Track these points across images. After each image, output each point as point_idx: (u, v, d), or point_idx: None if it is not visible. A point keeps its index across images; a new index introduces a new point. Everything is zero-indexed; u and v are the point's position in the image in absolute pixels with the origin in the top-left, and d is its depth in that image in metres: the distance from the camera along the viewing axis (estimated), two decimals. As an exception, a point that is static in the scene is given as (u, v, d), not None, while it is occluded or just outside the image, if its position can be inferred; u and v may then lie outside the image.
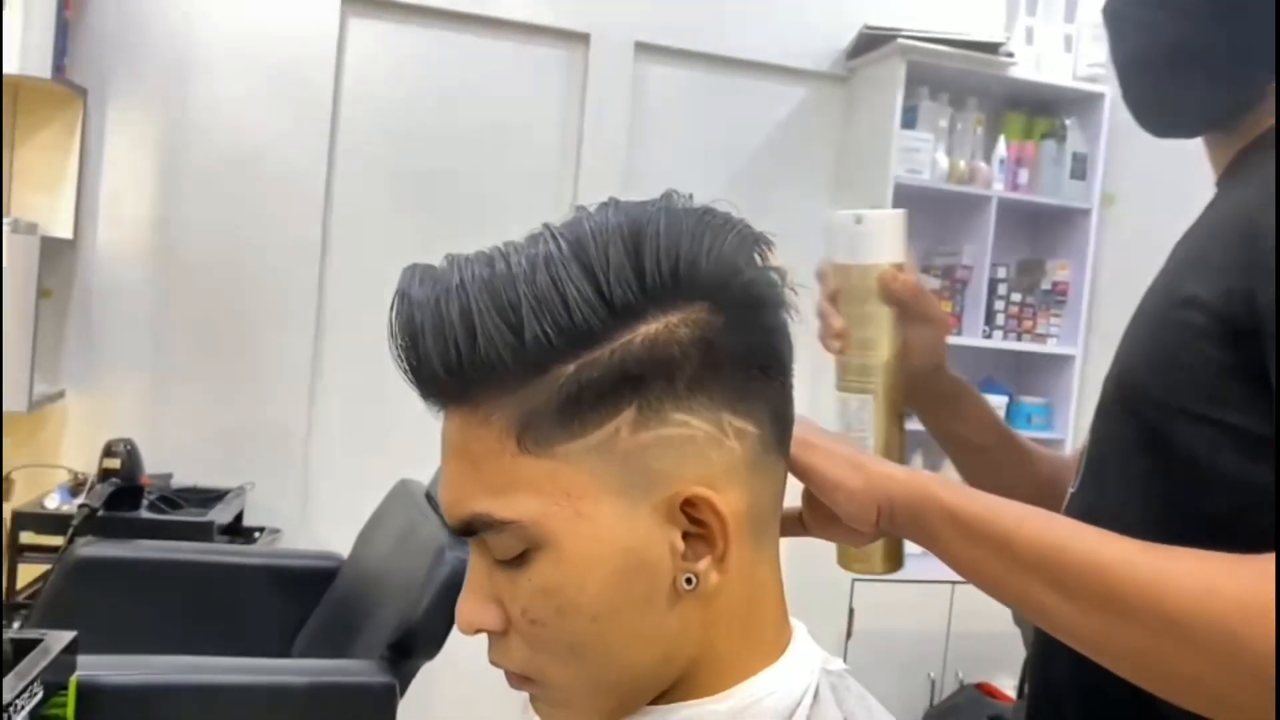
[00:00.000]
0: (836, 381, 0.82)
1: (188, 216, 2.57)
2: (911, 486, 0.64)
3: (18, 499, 2.31)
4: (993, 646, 2.65)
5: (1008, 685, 2.78)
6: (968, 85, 2.87)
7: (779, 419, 0.57)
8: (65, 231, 2.42)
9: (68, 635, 1.35)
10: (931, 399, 0.90)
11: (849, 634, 2.76)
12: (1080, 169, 2.83)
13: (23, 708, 1.16)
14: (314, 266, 2.63)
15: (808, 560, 3.50)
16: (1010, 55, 2.71)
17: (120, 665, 1.46)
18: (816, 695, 0.57)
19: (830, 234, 0.81)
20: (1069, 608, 0.59)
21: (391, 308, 0.53)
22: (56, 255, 2.41)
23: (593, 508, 0.52)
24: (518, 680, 0.56)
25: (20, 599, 2.20)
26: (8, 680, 1.19)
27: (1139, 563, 0.58)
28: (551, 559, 0.52)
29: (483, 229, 2.72)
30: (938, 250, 2.98)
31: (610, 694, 0.55)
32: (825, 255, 0.83)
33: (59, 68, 2.28)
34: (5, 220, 2.20)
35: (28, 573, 2.23)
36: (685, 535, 0.53)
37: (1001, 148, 2.82)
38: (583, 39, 2.77)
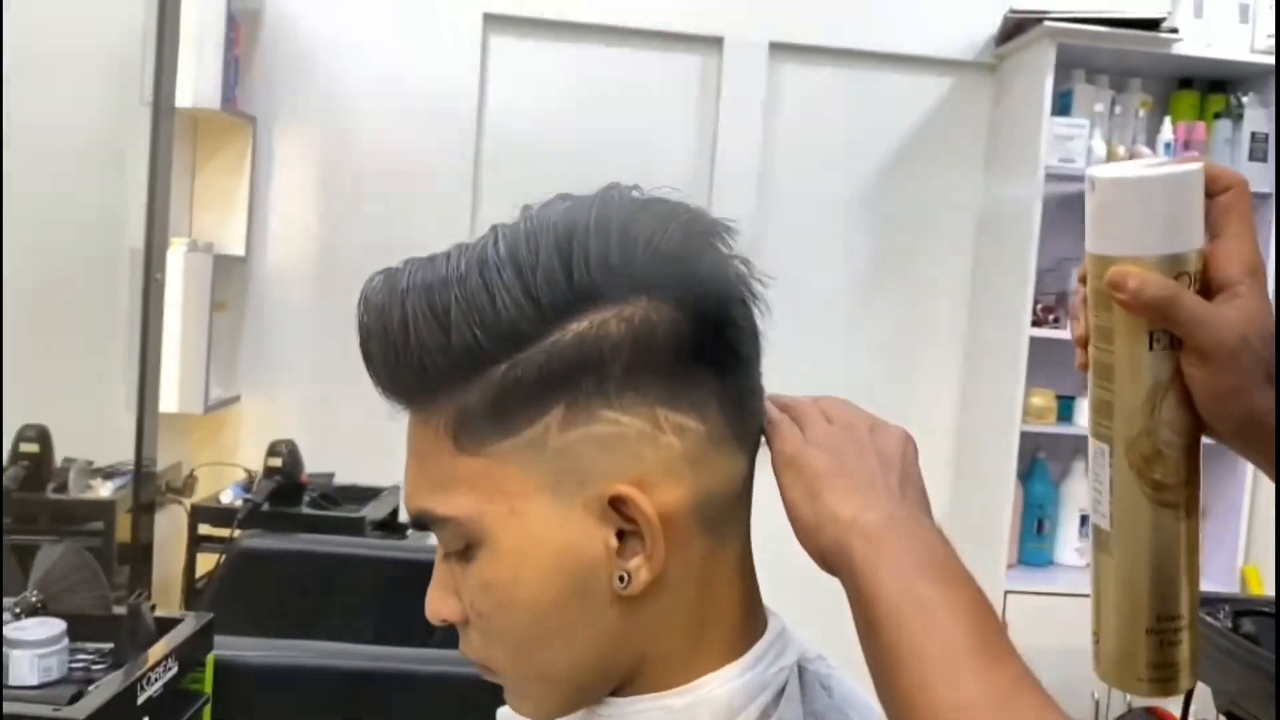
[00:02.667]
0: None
1: (345, 232, 2.75)
2: (837, 544, 0.53)
3: (199, 495, 2.53)
4: (1165, 668, 2.46)
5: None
6: (1129, 65, 2.69)
7: (733, 412, 0.56)
8: (238, 249, 2.64)
9: (206, 616, 1.47)
10: (1238, 440, 0.56)
11: (1001, 648, 2.63)
12: (1260, 150, 2.59)
13: (157, 680, 1.28)
14: (461, 276, 2.76)
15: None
16: (1174, 31, 2.52)
17: (256, 646, 1.58)
18: (783, 692, 0.56)
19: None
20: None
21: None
22: (230, 271, 2.63)
23: (526, 505, 0.52)
24: (483, 670, 0.58)
25: (198, 585, 2.41)
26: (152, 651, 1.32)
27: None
28: (490, 555, 0.53)
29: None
30: (1098, 243, 2.80)
31: (560, 686, 0.56)
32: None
33: (229, 99, 2.49)
34: (183, 241, 2.42)
35: (205, 562, 2.44)
36: (621, 533, 0.53)
37: (1168, 130, 2.62)
38: (716, 43, 2.78)
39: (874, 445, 0.58)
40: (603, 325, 0.52)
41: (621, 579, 0.53)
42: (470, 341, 0.51)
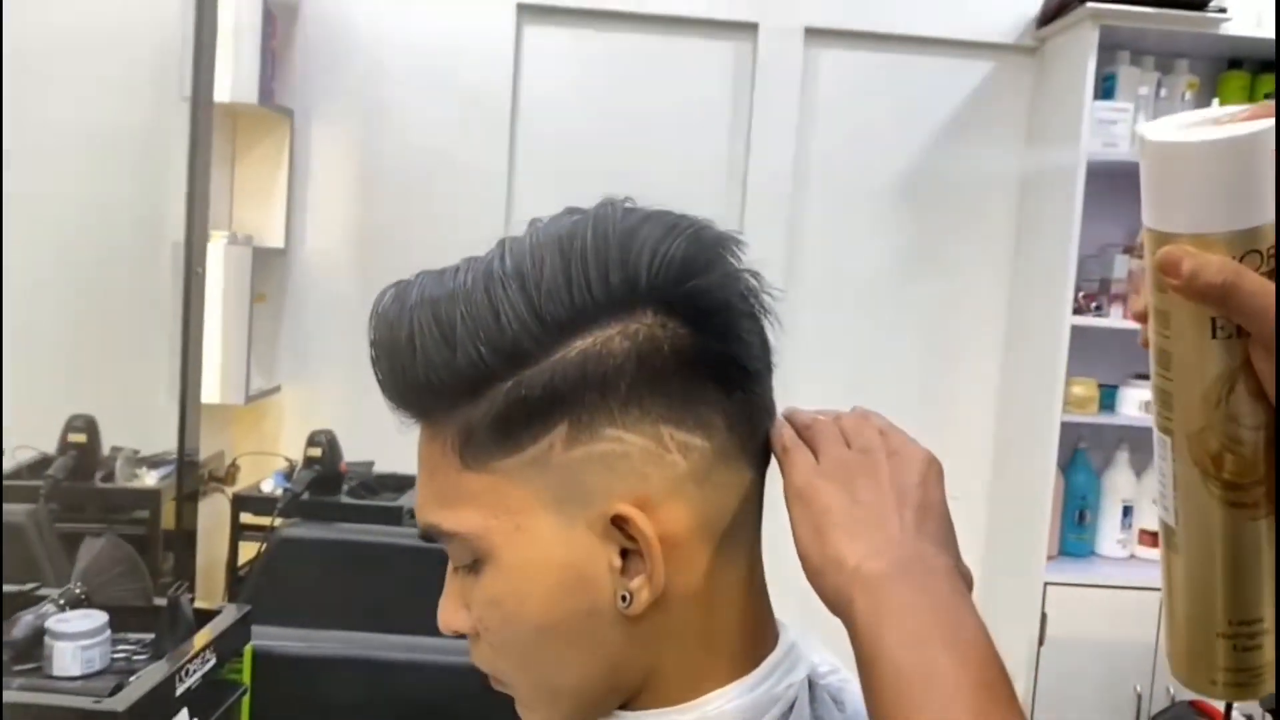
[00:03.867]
0: None
1: (383, 223, 2.77)
2: (838, 594, 0.52)
3: (241, 483, 2.58)
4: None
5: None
6: (1176, 47, 2.62)
7: (741, 428, 0.55)
8: (277, 241, 2.68)
9: (244, 608, 1.50)
10: None
11: (1041, 640, 2.60)
12: (1313, 132, 2.51)
13: (195, 672, 1.31)
14: (497, 266, 2.77)
15: (995, 563, 3.34)
16: (1222, 11, 2.45)
17: (293, 637, 1.60)
18: (792, 708, 0.56)
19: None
20: None
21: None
22: (269, 263, 2.67)
23: (531, 522, 0.52)
24: (493, 680, 0.59)
25: (241, 572, 2.46)
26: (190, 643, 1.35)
27: None
28: (496, 571, 0.54)
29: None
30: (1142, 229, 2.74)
31: (567, 699, 0.56)
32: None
33: (267, 93, 2.52)
34: (223, 234, 2.46)
35: (247, 550, 2.48)
36: (625, 551, 0.52)
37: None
38: (750, 29, 2.75)
39: (891, 474, 0.55)
40: (606, 342, 0.51)
41: (624, 598, 0.52)
42: (475, 358, 0.51)
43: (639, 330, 0.52)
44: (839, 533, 0.52)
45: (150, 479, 2.27)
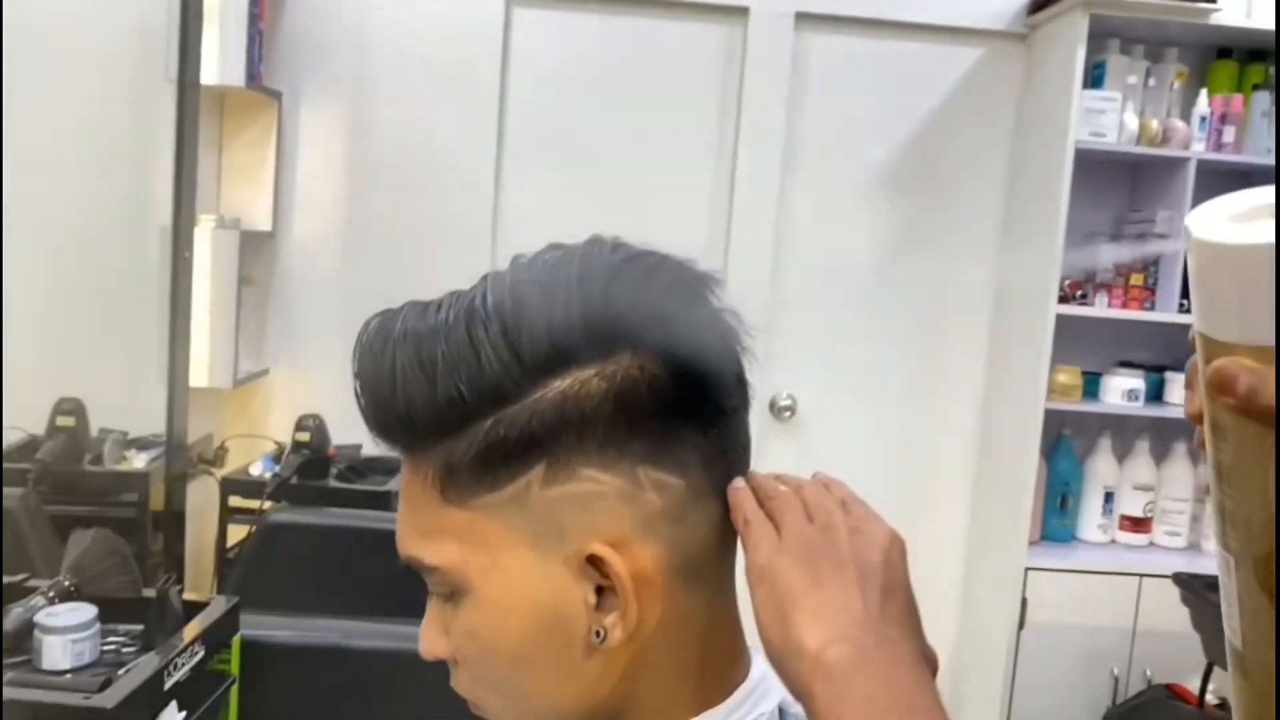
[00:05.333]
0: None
1: (372, 205, 2.76)
2: (800, 681, 0.51)
3: (229, 466, 2.59)
4: (1186, 645, 2.47)
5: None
6: (1166, 36, 2.62)
7: (717, 465, 0.56)
8: (265, 225, 2.67)
9: (233, 599, 1.52)
10: None
11: (1021, 624, 2.64)
12: (1300, 123, 2.52)
13: (184, 665, 1.33)
14: (485, 248, 2.76)
15: (978, 547, 3.37)
16: (1212, 0, 2.45)
17: (281, 626, 1.62)
18: None
19: None
20: None
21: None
22: (258, 246, 2.66)
23: (508, 559, 0.54)
24: (473, 706, 0.60)
25: (230, 555, 2.47)
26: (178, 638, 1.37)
27: None
28: (474, 604, 0.55)
29: (648, 210, 2.79)
30: (1128, 218, 2.75)
31: None
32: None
33: (254, 75, 2.50)
34: (210, 218, 2.45)
35: (236, 532, 2.50)
36: (600, 588, 0.53)
37: (1204, 103, 2.55)
38: (741, 13, 2.74)
39: (854, 551, 0.53)
40: (585, 384, 0.52)
41: (598, 634, 0.53)
42: (455, 396, 0.52)
43: (617, 372, 0.52)
44: (801, 615, 0.51)
45: (139, 461, 2.27)
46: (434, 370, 0.52)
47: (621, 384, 0.52)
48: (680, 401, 0.54)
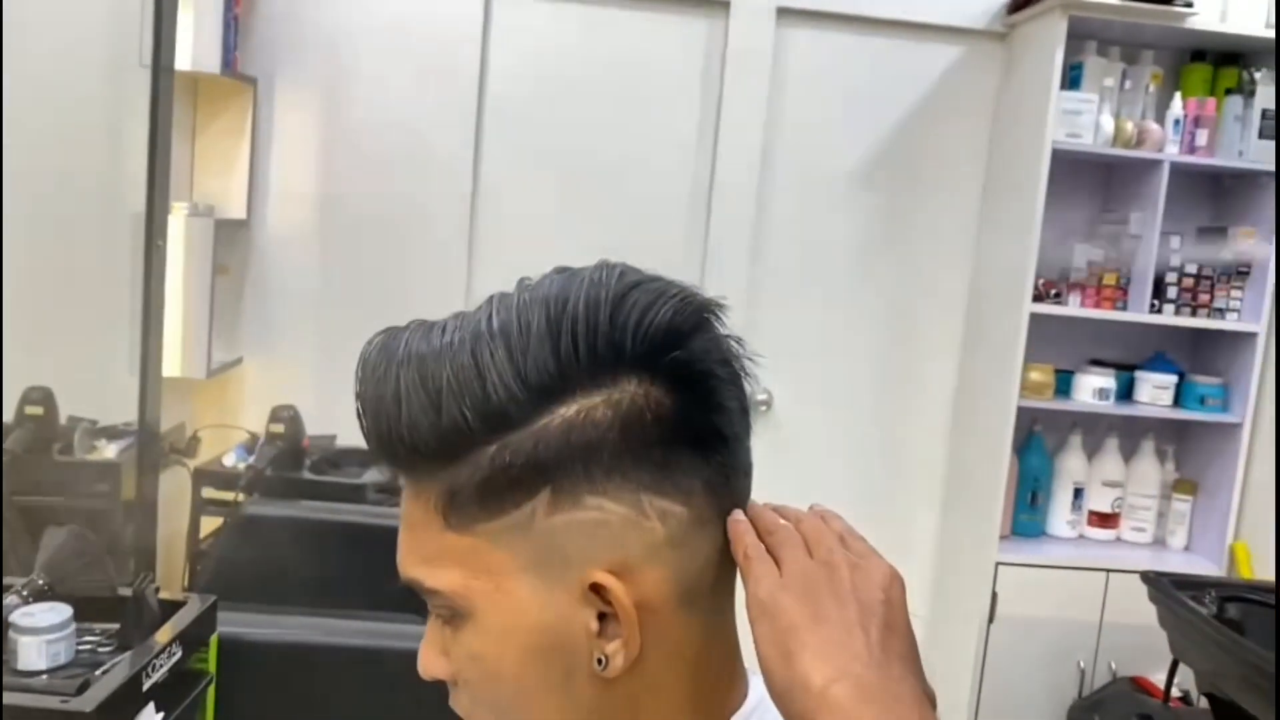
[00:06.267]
0: None
1: (348, 195, 2.74)
2: (804, 716, 0.51)
3: (202, 457, 2.56)
4: (1152, 639, 2.53)
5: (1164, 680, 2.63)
6: (1142, 39, 2.65)
7: (720, 491, 0.56)
8: (239, 213, 2.63)
9: (210, 598, 1.50)
10: None
11: (991, 618, 2.68)
12: (1270, 128, 2.55)
13: (162, 666, 1.32)
14: (463, 238, 2.75)
15: (950, 542, 3.39)
16: (1189, 4, 2.47)
17: (258, 623, 1.61)
18: None
19: None
20: None
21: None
22: (232, 235, 2.63)
23: (511, 585, 0.53)
24: None
25: (203, 546, 2.45)
26: (154, 639, 1.35)
27: None
28: (476, 629, 0.55)
29: (625, 202, 2.78)
30: (1102, 218, 2.78)
31: None
32: None
33: (229, 62, 2.46)
34: (184, 205, 2.41)
35: (209, 524, 2.47)
36: (603, 615, 0.53)
37: (1177, 106, 2.58)
38: (723, 7, 2.73)
39: (855, 589, 0.54)
40: (590, 412, 0.52)
41: (600, 661, 0.54)
42: (460, 422, 0.52)
43: (622, 400, 0.52)
44: (805, 652, 0.51)
45: (110, 451, 2.24)
46: (439, 395, 0.52)
47: (628, 412, 0.53)
48: (685, 430, 0.54)
